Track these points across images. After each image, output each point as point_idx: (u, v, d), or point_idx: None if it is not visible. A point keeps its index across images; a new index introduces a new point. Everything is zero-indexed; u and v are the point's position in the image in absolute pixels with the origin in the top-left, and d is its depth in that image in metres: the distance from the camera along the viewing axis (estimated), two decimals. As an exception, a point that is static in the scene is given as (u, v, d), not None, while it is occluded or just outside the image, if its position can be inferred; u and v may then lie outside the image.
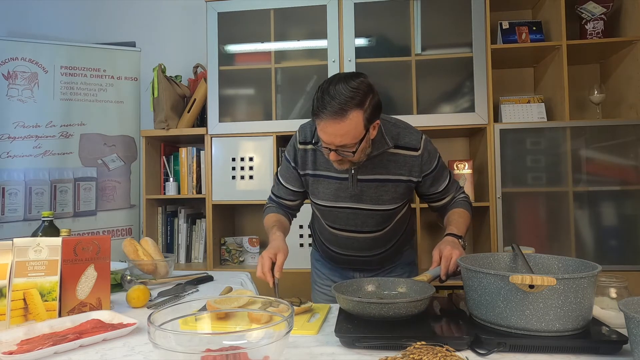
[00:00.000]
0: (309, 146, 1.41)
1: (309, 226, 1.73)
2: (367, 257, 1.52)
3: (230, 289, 1.42)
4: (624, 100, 2.40)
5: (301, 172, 1.44)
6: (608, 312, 1.03)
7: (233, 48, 2.65)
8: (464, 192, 1.53)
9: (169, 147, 2.85)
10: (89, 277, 1.19)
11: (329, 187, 1.40)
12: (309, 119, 1.48)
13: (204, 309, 1.01)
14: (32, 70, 2.67)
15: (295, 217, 1.61)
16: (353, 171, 1.35)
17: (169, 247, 2.78)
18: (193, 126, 2.68)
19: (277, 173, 1.54)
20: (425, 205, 2.42)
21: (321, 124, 1.19)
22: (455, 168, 2.50)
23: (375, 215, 1.42)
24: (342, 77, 1.20)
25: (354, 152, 1.22)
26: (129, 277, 1.48)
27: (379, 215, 1.42)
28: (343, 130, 1.17)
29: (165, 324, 0.80)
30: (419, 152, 1.36)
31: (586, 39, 2.39)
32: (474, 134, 2.59)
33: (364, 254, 1.51)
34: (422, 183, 1.41)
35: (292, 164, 1.44)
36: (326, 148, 1.25)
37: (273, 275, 1.25)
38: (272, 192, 1.57)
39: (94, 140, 2.79)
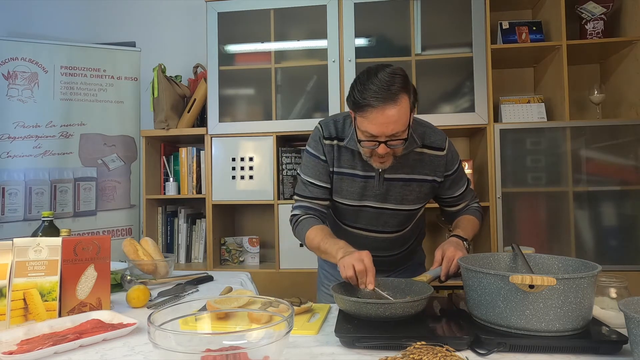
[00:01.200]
0: (335, 142, 1.37)
1: None
2: (384, 258, 1.49)
3: (230, 289, 1.42)
4: (624, 100, 2.40)
5: (330, 169, 1.39)
6: (608, 312, 1.03)
7: (233, 48, 2.65)
8: (478, 202, 1.53)
9: (169, 147, 2.85)
10: (89, 277, 1.19)
11: (354, 186, 1.37)
12: (320, 118, 1.46)
13: (204, 309, 1.01)
14: (32, 70, 2.67)
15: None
16: (380, 170, 1.33)
17: (169, 247, 2.78)
18: (193, 126, 2.68)
19: (301, 176, 1.44)
20: (427, 205, 2.44)
21: (372, 114, 1.15)
22: (455, 168, 2.50)
23: (398, 215, 1.41)
24: (376, 67, 1.19)
25: (405, 140, 1.20)
26: (129, 277, 1.48)
27: (402, 216, 1.41)
28: (396, 116, 1.15)
29: (165, 324, 0.80)
30: (444, 152, 1.36)
31: (586, 39, 2.39)
32: (474, 134, 2.59)
33: (382, 254, 1.48)
34: (442, 184, 1.41)
35: (323, 158, 1.37)
36: (373, 142, 1.20)
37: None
38: (300, 198, 1.43)
39: (94, 140, 2.80)
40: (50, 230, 1.58)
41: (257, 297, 0.99)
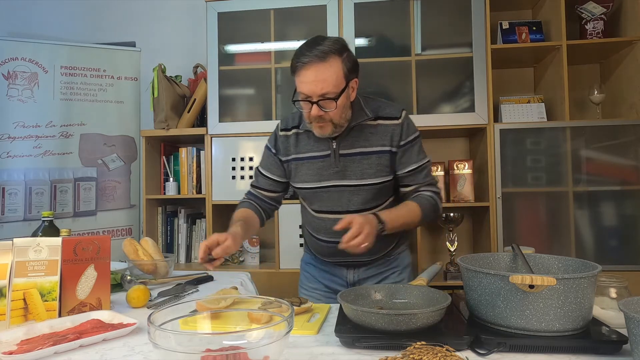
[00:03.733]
0: (291, 132, 1.43)
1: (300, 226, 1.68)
2: None
3: (235, 289, 1.41)
4: (624, 100, 2.40)
5: (283, 159, 1.45)
6: (608, 312, 1.03)
7: (233, 48, 2.65)
8: (434, 191, 1.42)
9: (169, 147, 2.85)
10: (89, 277, 1.19)
11: (312, 168, 1.40)
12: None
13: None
14: (32, 70, 2.67)
15: (272, 216, 1.58)
16: (335, 145, 1.36)
17: (169, 247, 2.78)
18: (193, 126, 2.68)
19: (257, 166, 1.55)
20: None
21: (301, 72, 1.23)
22: (455, 168, 2.50)
23: (360, 192, 1.39)
24: (317, 37, 1.28)
25: (335, 100, 1.23)
26: (129, 277, 1.48)
27: (365, 191, 1.40)
28: (324, 75, 1.21)
29: (165, 324, 0.80)
30: (400, 120, 1.38)
31: (586, 39, 2.39)
32: (474, 134, 2.59)
33: None
34: (397, 155, 1.39)
35: (273, 151, 1.47)
36: (307, 103, 1.25)
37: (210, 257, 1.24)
38: (250, 186, 1.56)
39: (94, 140, 2.80)
40: (50, 230, 1.58)
41: (256, 297, 0.99)
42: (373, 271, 1.53)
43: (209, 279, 1.65)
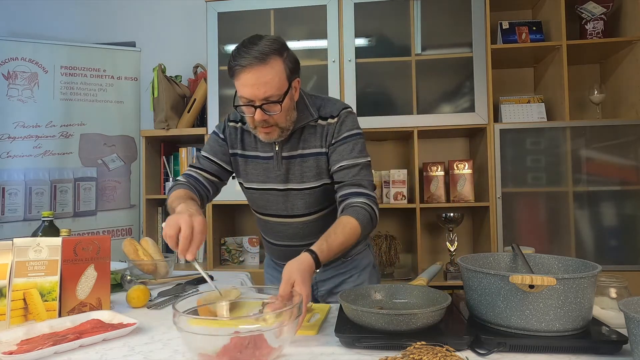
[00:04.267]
0: (239, 124, 1.38)
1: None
2: (302, 248, 1.19)
3: (235, 289, 1.41)
4: (624, 100, 2.40)
5: (230, 151, 1.40)
6: (608, 312, 1.03)
7: (233, 48, 2.65)
8: (369, 197, 1.25)
9: (169, 147, 2.85)
10: (89, 277, 1.19)
11: (257, 168, 1.37)
12: None
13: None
14: (32, 70, 2.67)
15: (204, 207, 1.44)
16: (277, 148, 1.32)
17: (168, 247, 2.77)
18: (193, 126, 2.68)
19: (199, 152, 1.46)
20: (426, 205, 2.44)
21: (242, 76, 1.15)
22: (455, 168, 2.50)
23: (303, 196, 1.35)
24: (254, 36, 1.22)
25: (279, 103, 1.17)
26: (129, 277, 1.48)
27: (307, 195, 1.35)
28: (266, 77, 1.14)
29: (189, 310, 0.90)
30: (335, 119, 1.30)
31: (586, 39, 2.39)
32: (474, 134, 2.59)
33: (299, 243, 1.38)
34: (329, 156, 1.31)
35: (221, 136, 1.40)
36: (249, 107, 1.18)
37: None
38: (189, 167, 1.43)
39: (94, 140, 2.80)
40: (50, 230, 1.58)
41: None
42: (329, 273, 1.47)
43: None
